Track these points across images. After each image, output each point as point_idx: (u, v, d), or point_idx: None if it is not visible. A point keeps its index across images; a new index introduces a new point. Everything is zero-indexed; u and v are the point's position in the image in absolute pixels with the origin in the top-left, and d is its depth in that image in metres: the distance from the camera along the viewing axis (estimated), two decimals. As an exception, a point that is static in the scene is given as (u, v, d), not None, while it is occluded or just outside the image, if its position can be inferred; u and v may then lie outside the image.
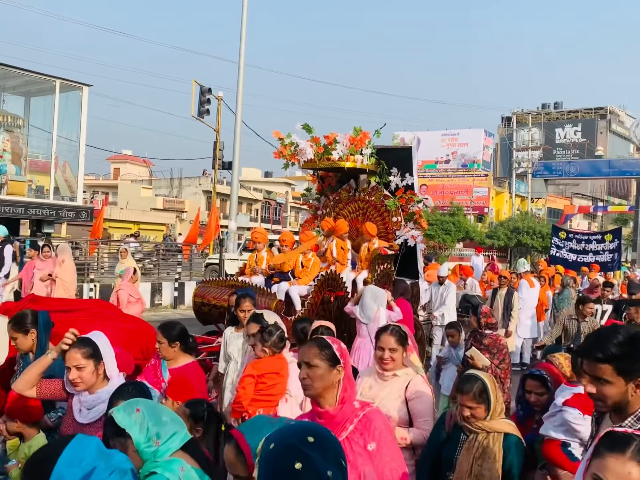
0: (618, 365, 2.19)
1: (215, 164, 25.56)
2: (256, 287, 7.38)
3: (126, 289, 9.44)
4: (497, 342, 5.85)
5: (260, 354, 4.39)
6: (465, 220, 43.27)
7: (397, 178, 8.78)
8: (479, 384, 3.24)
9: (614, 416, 2.38)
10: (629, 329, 2.30)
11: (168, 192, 54.69)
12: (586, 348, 2.33)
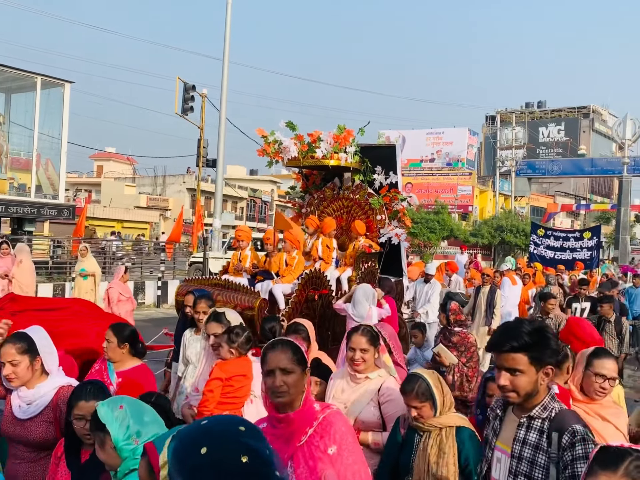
0: (532, 354, 2.28)
1: (200, 161, 25.45)
2: (239, 286, 7.33)
3: (117, 287, 9.39)
4: (466, 339, 5.74)
5: (226, 355, 4.25)
6: (450, 219, 43.46)
7: (381, 176, 8.77)
8: (421, 383, 3.20)
9: (516, 409, 2.45)
10: (533, 321, 2.39)
11: (152, 190, 54.36)
12: (498, 341, 2.38)
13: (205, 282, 7.80)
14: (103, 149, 61.24)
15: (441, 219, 41.39)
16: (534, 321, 2.39)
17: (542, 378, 2.33)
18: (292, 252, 7.84)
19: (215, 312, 4.70)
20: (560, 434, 2.24)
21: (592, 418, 3.28)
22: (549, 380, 2.35)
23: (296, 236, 8.01)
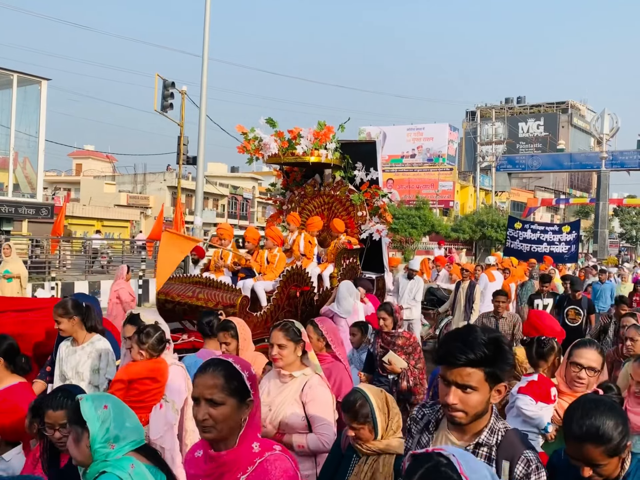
0: (488, 370, 1.99)
1: (180, 159, 25.24)
2: (220, 284, 7.33)
3: (126, 287, 9.33)
4: (411, 340, 5.35)
5: (136, 357, 4.00)
6: (431, 214, 43.71)
7: (362, 172, 8.81)
8: (362, 402, 2.80)
9: (456, 431, 2.11)
10: (488, 330, 2.08)
11: (132, 188, 53.91)
12: (450, 352, 2.02)
13: (186, 280, 7.79)
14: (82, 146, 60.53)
15: (422, 215, 41.63)
16: (489, 330, 2.08)
17: (494, 397, 2.04)
18: (274, 249, 7.85)
19: (131, 314, 4.42)
20: (512, 463, 2.00)
21: None
22: (500, 399, 2.07)
23: (278, 233, 8.02)
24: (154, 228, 22.28)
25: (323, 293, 8.04)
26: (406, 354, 5.26)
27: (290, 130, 8.23)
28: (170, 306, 7.60)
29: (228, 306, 6.93)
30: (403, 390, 5.12)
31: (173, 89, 24.20)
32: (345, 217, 8.90)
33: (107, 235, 43.45)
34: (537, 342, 4.01)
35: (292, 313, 7.55)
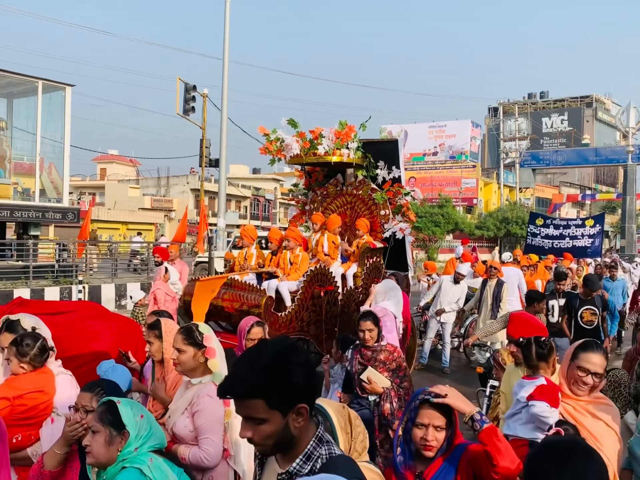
0: (268, 398, 1.75)
1: (202, 161, 25.46)
2: (245, 284, 7.39)
3: (162, 288, 9.47)
4: (395, 354, 4.64)
5: (17, 370, 3.61)
6: (455, 212, 43.44)
7: (384, 171, 8.78)
8: (320, 420, 2.37)
9: (280, 458, 1.92)
10: (274, 345, 1.83)
11: (156, 192, 54.49)
12: (225, 383, 1.83)
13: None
14: (106, 151, 61.54)
15: (446, 213, 41.40)
16: (274, 344, 1.84)
17: (295, 420, 1.80)
18: (296, 249, 7.89)
19: (8, 320, 4.00)
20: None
21: (581, 415, 3.13)
22: (302, 422, 1.82)
23: (298, 233, 8.06)
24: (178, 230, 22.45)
25: (347, 292, 8.05)
26: (389, 370, 4.55)
27: (311, 131, 8.24)
28: None
29: (253, 307, 7.04)
30: (386, 414, 4.41)
31: (194, 92, 24.42)
32: (368, 216, 8.89)
33: (130, 238, 43.97)
34: (536, 342, 3.73)
35: (316, 313, 7.60)
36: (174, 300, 9.53)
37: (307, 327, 7.51)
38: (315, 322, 7.61)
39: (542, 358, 3.69)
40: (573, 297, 8.07)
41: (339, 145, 8.13)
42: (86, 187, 57.60)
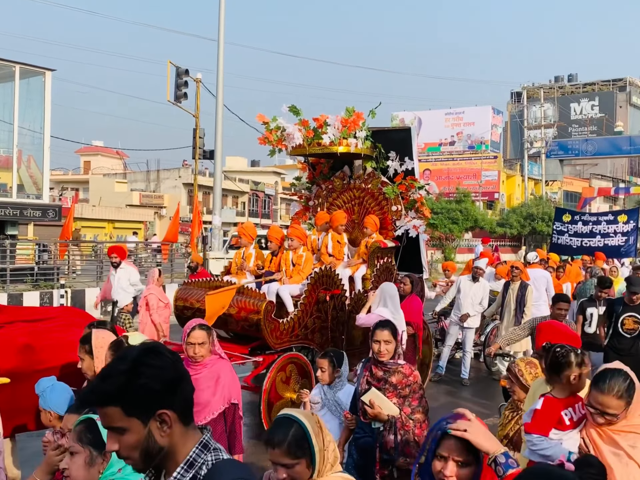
0: (124, 405, 1.76)
1: (196, 153, 25.49)
2: (244, 288, 7.40)
3: (155, 293, 9.49)
4: (410, 378, 4.19)
5: None
6: (474, 208, 43.36)
7: (396, 162, 8.78)
8: (296, 429, 2.45)
9: (166, 474, 1.92)
10: (132, 350, 1.86)
11: (145, 186, 54.55)
12: (82, 393, 1.92)
13: (206, 284, 7.89)
14: (90, 142, 61.60)
15: (464, 208, 41.32)
16: (135, 349, 1.87)
17: (160, 429, 1.81)
18: (299, 249, 7.90)
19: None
20: None
21: (607, 451, 2.99)
22: (168, 430, 1.83)
23: (302, 231, 8.09)
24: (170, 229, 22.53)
25: (355, 297, 8.04)
26: (400, 397, 4.15)
27: (315, 119, 8.22)
28: (189, 313, 7.69)
29: (251, 312, 7.06)
30: (388, 448, 4.06)
31: (187, 77, 24.44)
32: (378, 212, 8.89)
33: (118, 238, 44.06)
34: (551, 351, 3.52)
35: (321, 319, 7.60)
36: (167, 307, 9.57)
37: (311, 335, 7.51)
38: (320, 329, 7.61)
39: (553, 369, 3.48)
40: (616, 302, 7.86)
41: (346, 135, 8.12)
42: (68, 181, 57.74)
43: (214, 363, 4.41)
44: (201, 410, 4.22)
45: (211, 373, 4.38)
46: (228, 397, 4.38)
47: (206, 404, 4.29)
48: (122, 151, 59.77)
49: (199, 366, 4.35)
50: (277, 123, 8.31)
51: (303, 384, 7.11)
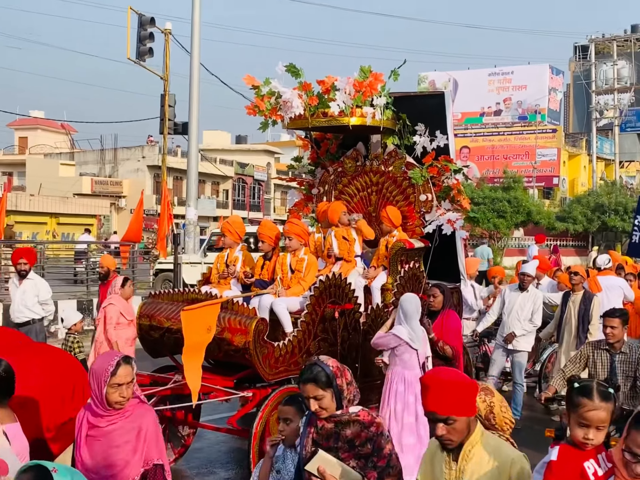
0: None
1: (164, 126, 25.56)
2: (226, 302, 7.38)
3: (118, 305, 9.43)
4: (371, 430, 3.90)
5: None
6: (527, 197, 43.26)
7: (425, 138, 8.74)
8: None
9: None
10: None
11: (98, 170, 54.59)
12: None
13: (178, 297, 7.88)
14: (27, 113, 61.67)
15: (513, 198, 41.18)
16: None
17: None
18: (299, 251, 7.90)
19: None
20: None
21: None
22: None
23: (302, 228, 8.08)
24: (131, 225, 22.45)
25: (372, 313, 8.03)
26: (360, 458, 3.85)
27: (321, 81, 8.16)
28: (156, 334, 7.70)
29: (238, 333, 7.02)
30: None
31: (152, 28, 24.51)
32: (402, 202, 8.89)
33: (64, 237, 44.11)
34: (573, 382, 3.56)
35: (328, 342, 7.60)
36: (131, 325, 9.58)
37: None
38: (328, 355, 7.51)
39: (570, 405, 3.53)
40: None
41: (360, 102, 8.08)
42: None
43: (134, 409, 4.14)
44: (117, 474, 3.99)
45: (131, 423, 4.09)
46: (151, 456, 4.10)
47: (124, 465, 4.02)
48: (68, 124, 59.83)
49: (115, 415, 4.07)
50: (270, 87, 8.26)
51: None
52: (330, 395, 3.85)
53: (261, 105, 8.30)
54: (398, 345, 7.10)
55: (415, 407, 7.01)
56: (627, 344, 7.06)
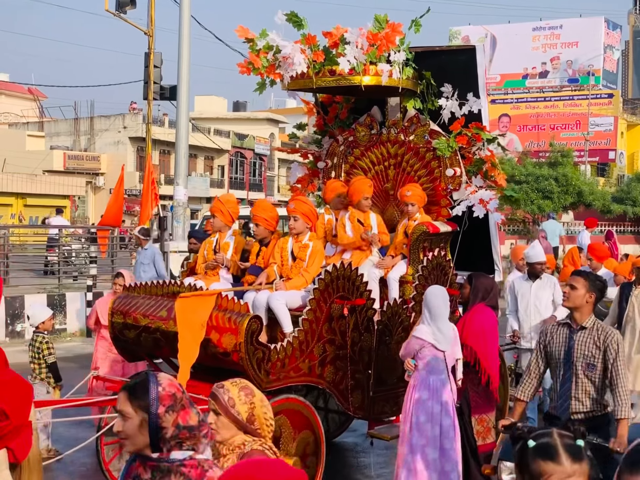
0: None
1: (149, 91, 25.53)
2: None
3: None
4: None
5: None
6: (577, 174, 43.21)
7: (453, 101, 8.65)
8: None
9: None
10: None
11: (72, 143, 54.83)
12: None
13: (156, 290, 7.89)
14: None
15: (562, 175, 41.12)
16: None
17: None
18: (304, 235, 7.89)
19: None
20: None
21: None
22: None
23: (309, 207, 8.05)
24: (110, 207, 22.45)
25: (389, 309, 7.99)
26: None
27: (327, 33, 8.08)
28: (132, 334, 7.74)
29: (227, 334, 6.99)
30: None
31: (134, -27, 24.46)
32: (426, 178, 8.84)
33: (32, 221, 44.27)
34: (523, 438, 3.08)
35: (335, 345, 7.55)
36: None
37: (320, 370, 7.46)
38: (334, 359, 7.56)
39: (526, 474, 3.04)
40: None
41: (374, 58, 8.02)
42: (-43, 135, 58.15)
43: None
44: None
45: None
46: None
47: None
48: (36, 89, 59.96)
49: None
50: (267, 40, 8.18)
51: (302, 440, 7.11)
52: (137, 422, 3.33)
53: (256, 62, 8.21)
54: (421, 347, 7.11)
55: (440, 417, 7.08)
56: (593, 319, 6.36)
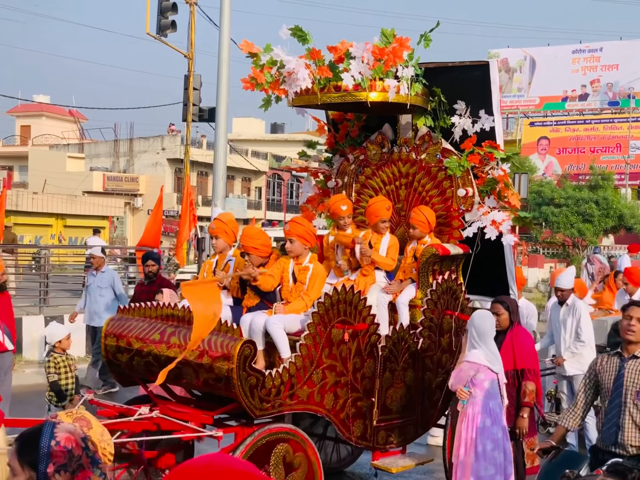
0: None
1: (188, 113, 25.73)
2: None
3: None
4: None
5: None
6: (618, 197, 43.13)
7: (465, 119, 8.54)
8: None
9: None
10: None
11: (111, 164, 55.39)
12: None
13: (149, 312, 7.85)
14: (30, 98, 62.79)
15: (602, 199, 41.11)
16: None
17: None
18: (304, 257, 7.86)
19: None
20: None
21: None
22: None
23: (308, 228, 8.02)
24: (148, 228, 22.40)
25: (395, 335, 7.86)
26: None
27: (332, 48, 7.98)
28: (125, 357, 7.72)
29: (220, 359, 6.92)
30: None
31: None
32: (438, 199, 8.73)
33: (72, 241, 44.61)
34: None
35: (336, 371, 7.43)
36: None
37: (319, 398, 7.33)
38: (335, 387, 7.44)
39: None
40: None
41: (381, 73, 7.87)
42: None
43: None
44: None
45: None
46: None
47: None
48: (77, 111, 60.80)
49: None
50: (271, 55, 8.09)
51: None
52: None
53: (259, 78, 8.10)
54: (476, 372, 7.15)
55: (503, 443, 7.20)
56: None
